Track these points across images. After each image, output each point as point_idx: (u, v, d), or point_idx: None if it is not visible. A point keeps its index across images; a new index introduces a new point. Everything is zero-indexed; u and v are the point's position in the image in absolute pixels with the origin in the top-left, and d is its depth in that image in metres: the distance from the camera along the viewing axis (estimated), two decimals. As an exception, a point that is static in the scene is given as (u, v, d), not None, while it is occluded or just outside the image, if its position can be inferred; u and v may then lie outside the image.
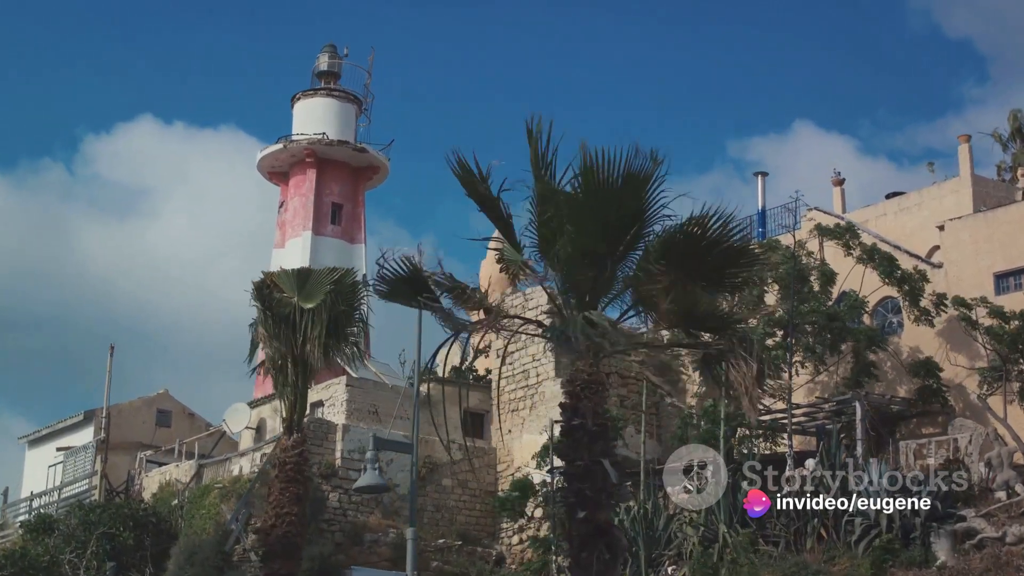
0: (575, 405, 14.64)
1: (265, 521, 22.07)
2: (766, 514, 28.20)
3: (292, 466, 22.21)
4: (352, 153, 45.90)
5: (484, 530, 35.52)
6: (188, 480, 36.22)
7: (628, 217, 14.66)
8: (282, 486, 22.03)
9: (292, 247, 45.15)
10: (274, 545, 21.68)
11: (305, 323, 22.12)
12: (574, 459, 14.46)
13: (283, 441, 22.68)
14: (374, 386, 35.96)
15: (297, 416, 22.89)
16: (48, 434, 44.34)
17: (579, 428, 14.46)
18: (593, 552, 13.88)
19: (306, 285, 22.74)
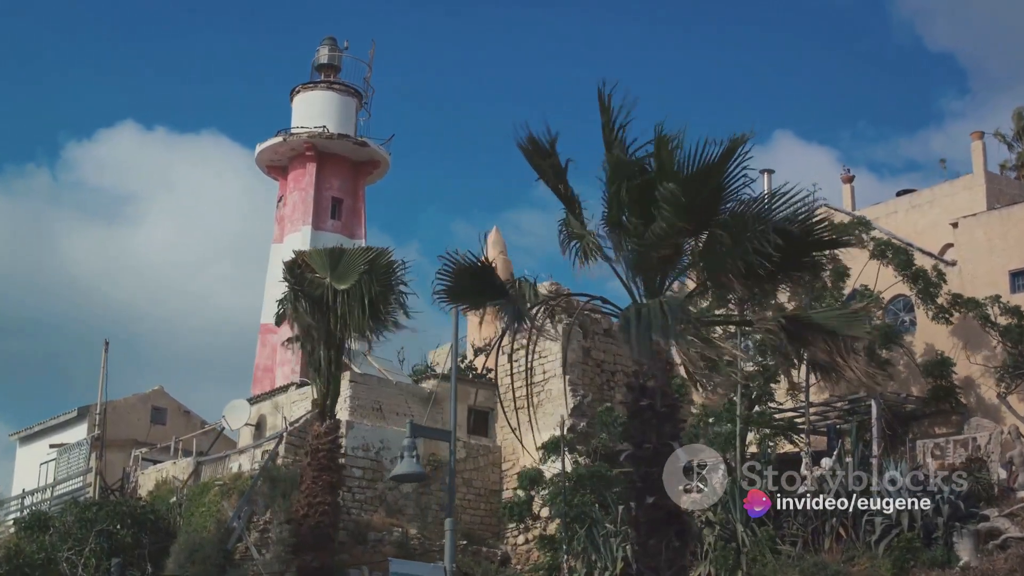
0: (643, 386, 14.01)
1: (296, 511, 21.24)
2: (783, 514, 27.75)
3: (325, 453, 21.44)
4: (353, 147, 45.13)
5: (489, 530, 34.91)
6: (186, 478, 35.50)
7: (709, 194, 14.00)
8: (315, 474, 21.25)
9: (291, 242, 44.23)
10: (306, 536, 20.91)
11: (339, 304, 21.28)
12: (642, 442, 13.84)
13: (315, 428, 21.89)
14: (378, 382, 35.26)
15: (330, 401, 22.07)
16: (40, 431, 43.53)
17: (647, 409, 13.85)
18: (663, 539, 13.27)
19: (339, 265, 21.88)
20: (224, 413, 36.67)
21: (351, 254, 22.30)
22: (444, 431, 19.93)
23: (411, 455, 18.13)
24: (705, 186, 13.90)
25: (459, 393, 36.42)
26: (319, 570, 20.74)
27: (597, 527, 29.43)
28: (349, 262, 21.89)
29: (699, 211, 14.13)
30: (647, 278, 14.70)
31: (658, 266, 14.60)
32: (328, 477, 21.25)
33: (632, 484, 14.08)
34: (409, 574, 17.75)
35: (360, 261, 21.87)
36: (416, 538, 32.78)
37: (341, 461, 21.73)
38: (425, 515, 33.93)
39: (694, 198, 13.91)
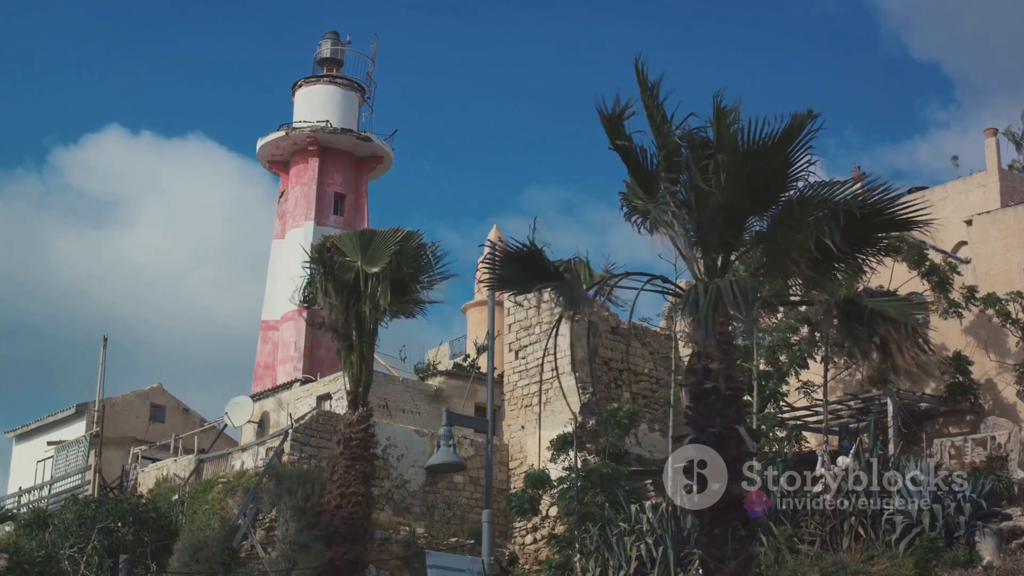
0: (706, 368, 13.51)
1: (329, 501, 20.65)
2: (800, 513, 27.32)
3: (358, 442, 20.85)
4: (356, 142, 44.63)
5: (496, 529, 34.19)
6: (188, 475, 34.96)
7: (772, 172, 13.51)
8: (347, 464, 20.68)
9: (293, 237, 43.81)
10: (339, 527, 20.30)
11: (370, 287, 20.71)
12: (706, 426, 13.34)
13: (347, 416, 21.29)
14: (384, 379, 34.74)
15: (363, 388, 21.51)
16: (36, 428, 42.96)
17: (712, 392, 13.36)
18: (728, 528, 12.77)
19: (370, 248, 21.28)
20: (226, 410, 36.14)
21: (381, 236, 21.63)
22: (481, 420, 19.28)
23: (447, 444, 17.58)
24: (769, 163, 13.42)
25: (464, 391, 36.16)
26: (352, 563, 20.14)
27: (610, 526, 28.93)
28: (380, 244, 21.26)
29: (762, 189, 13.64)
30: (708, 258, 14.19)
31: (719, 245, 14.08)
32: (361, 467, 20.66)
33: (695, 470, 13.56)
34: (446, 566, 17.21)
35: (391, 243, 21.25)
36: (423, 537, 32.25)
37: (374, 451, 21.12)
38: (432, 514, 33.43)
39: (757, 176, 13.43)
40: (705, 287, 13.55)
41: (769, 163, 13.47)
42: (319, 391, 34.84)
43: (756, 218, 14.10)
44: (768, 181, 13.64)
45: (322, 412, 32.88)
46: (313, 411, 32.88)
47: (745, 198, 13.68)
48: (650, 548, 27.91)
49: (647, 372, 37.42)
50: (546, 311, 35.64)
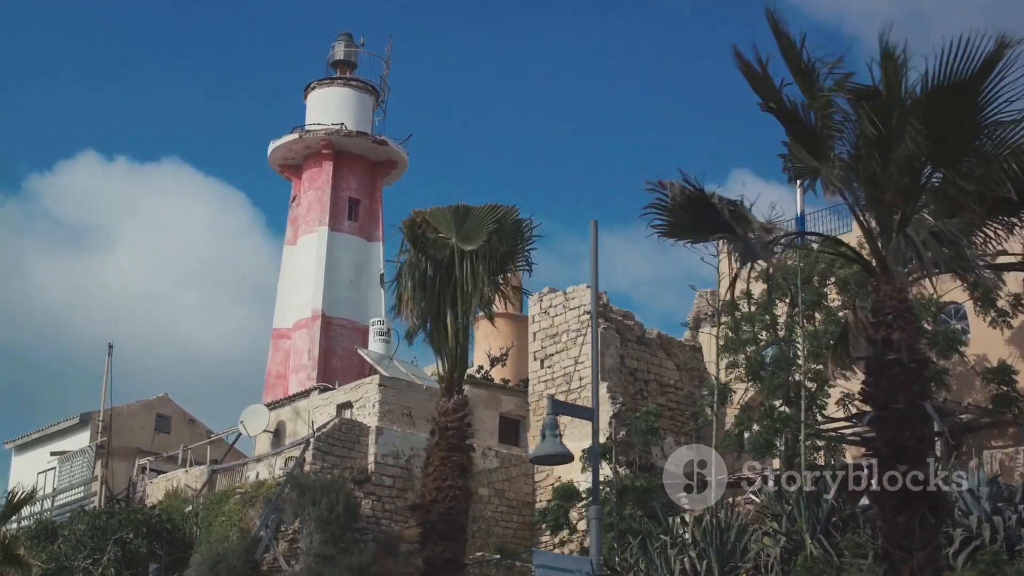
0: (887, 338, 12.38)
1: (424, 496, 19.36)
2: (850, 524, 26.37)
3: (454, 432, 19.53)
4: (371, 146, 43.51)
5: (522, 543, 33.24)
6: (200, 487, 33.76)
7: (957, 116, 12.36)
8: (443, 455, 19.34)
9: (306, 243, 42.71)
10: (436, 523, 18.97)
11: (465, 266, 19.46)
12: (889, 402, 12.19)
13: (442, 404, 20.04)
14: (407, 386, 33.61)
15: (458, 374, 20.26)
16: (38, 439, 41.64)
17: (894, 364, 12.22)
18: (915, 515, 11.65)
19: (465, 224, 19.99)
20: (242, 419, 34.95)
21: (477, 212, 20.27)
22: (586, 408, 18.14)
23: (553, 434, 16.45)
24: (957, 104, 12.20)
25: (488, 400, 35.06)
26: (450, 563, 18.87)
27: (651, 539, 27.84)
28: (476, 221, 19.97)
29: (947, 135, 12.45)
30: (881, 214, 13.03)
31: (895, 200, 12.91)
32: (458, 458, 19.35)
33: (877, 452, 12.45)
34: (553, 565, 16.13)
35: (488, 220, 19.96)
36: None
37: (469, 441, 19.88)
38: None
39: (942, 120, 12.25)
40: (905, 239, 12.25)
41: (957, 104, 12.21)
42: (339, 399, 33.69)
43: (936, 169, 12.88)
44: (955, 125, 12.40)
45: (344, 421, 31.78)
46: (335, 420, 31.73)
47: (926, 146, 12.48)
48: (693, 562, 26.87)
49: (672, 383, 36.46)
50: (573, 316, 34.63)
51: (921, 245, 12.39)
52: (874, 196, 13.13)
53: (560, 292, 35.00)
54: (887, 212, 13.07)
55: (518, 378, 38.14)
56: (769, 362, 31.14)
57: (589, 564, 16.27)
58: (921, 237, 12.40)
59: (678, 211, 13.52)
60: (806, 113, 13.21)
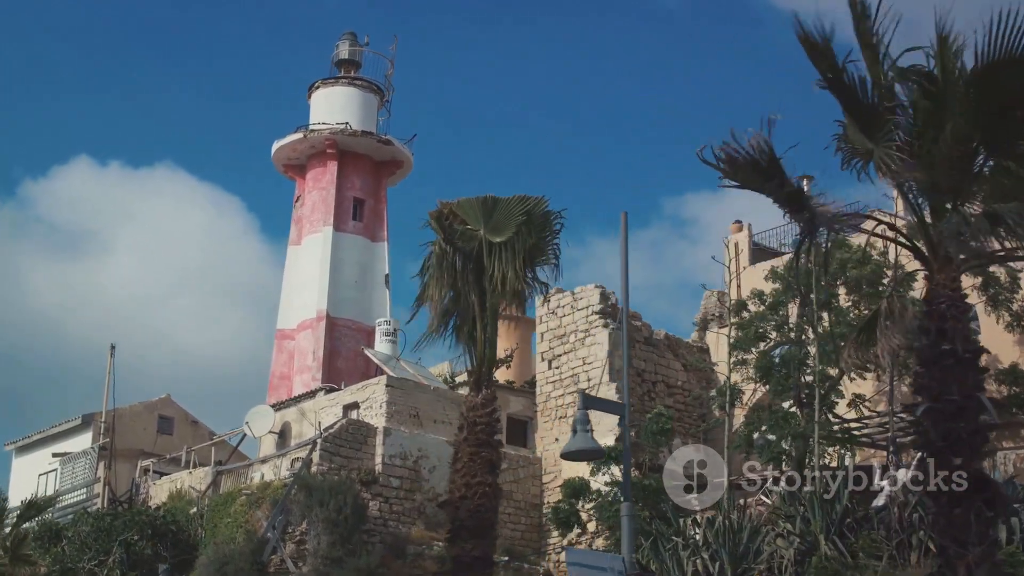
0: (941, 327, 12.11)
1: (452, 493, 19.00)
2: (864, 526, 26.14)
3: (483, 427, 19.20)
4: (376, 146, 43.15)
5: (530, 545, 32.98)
6: (205, 488, 33.46)
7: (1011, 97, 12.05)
8: (472, 450, 19.00)
9: (311, 244, 42.36)
10: (465, 520, 18.61)
11: (494, 258, 19.11)
12: (942, 393, 11.93)
13: (469, 399, 19.72)
14: (415, 387, 33.33)
15: (486, 368, 19.92)
16: (39, 440, 41.30)
17: (948, 355, 11.94)
18: (970, 509, 11.37)
19: (494, 215, 19.64)
20: (247, 419, 34.64)
21: (506, 203, 19.92)
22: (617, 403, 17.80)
23: (585, 429, 16.16)
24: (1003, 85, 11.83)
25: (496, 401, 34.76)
26: (479, 560, 18.52)
27: (663, 540, 27.59)
28: (505, 212, 19.63)
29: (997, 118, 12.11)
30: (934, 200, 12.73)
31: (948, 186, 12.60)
32: (487, 454, 19.01)
33: (930, 444, 12.18)
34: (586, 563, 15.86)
35: (517, 211, 19.63)
36: (457, 552, 30.85)
37: (498, 437, 19.53)
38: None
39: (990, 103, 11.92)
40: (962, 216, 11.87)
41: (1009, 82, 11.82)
42: (346, 400, 33.41)
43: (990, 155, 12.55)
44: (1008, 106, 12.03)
45: (351, 421, 31.50)
46: (342, 420, 31.46)
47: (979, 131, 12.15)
48: (706, 563, 26.64)
49: (680, 385, 36.21)
50: (581, 316, 34.36)
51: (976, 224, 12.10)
52: (927, 182, 12.84)
53: (568, 292, 34.72)
54: (940, 198, 12.79)
55: (522, 380, 37.90)
56: (779, 362, 30.88)
57: (621, 561, 16.00)
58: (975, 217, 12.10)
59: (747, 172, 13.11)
60: (865, 90, 12.87)
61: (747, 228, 38.28)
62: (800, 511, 26.54)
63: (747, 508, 28.56)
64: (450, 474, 19.54)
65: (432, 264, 20.20)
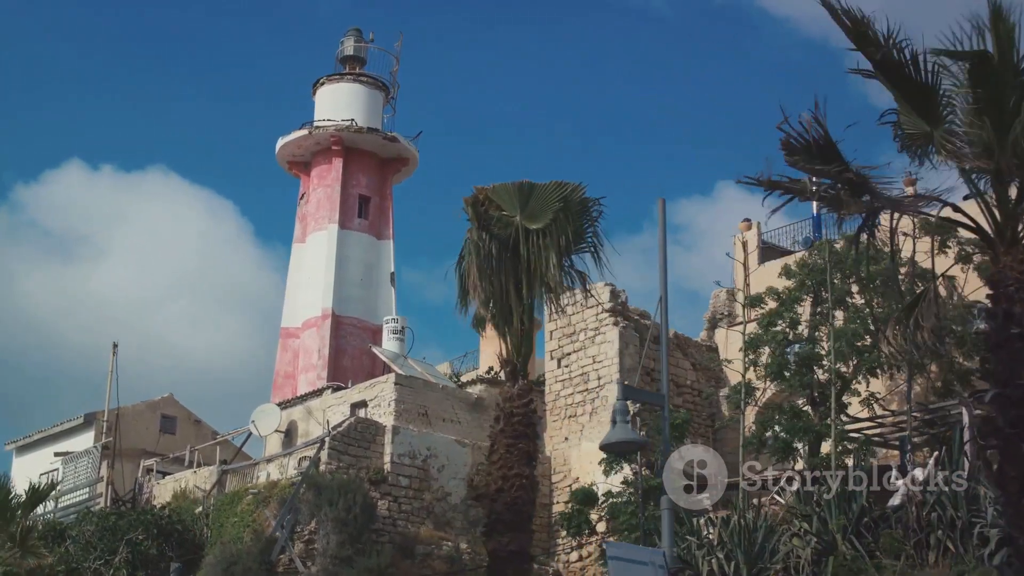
0: (1008, 311, 11.73)
1: (488, 485, 18.59)
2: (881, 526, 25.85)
3: (520, 418, 18.79)
4: (381, 142, 42.75)
5: (538, 545, 32.44)
6: (210, 487, 33.10)
7: None
8: (509, 442, 18.56)
9: (315, 241, 41.96)
10: (502, 514, 18.16)
11: (530, 246, 18.71)
12: (1010, 379, 11.56)
13: (506, 389, 19.32)
14: (424, 385, 32.97)
15: (522, 358, 19.52)
16: (40, 440, 40.91)
17: (1017, 339, 11.55)
18: None
19: (530, 202, 19.21)
20: (253, 418, 34.28)
21: (542, 189, 19.45)
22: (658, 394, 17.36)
23: (625, 420, 15.79)
24: None
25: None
26: (516, 555, 18.09)
27: (677, 540, 27.25)
28: (541, 198, 19.19)
29: None
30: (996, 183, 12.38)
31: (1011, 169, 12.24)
32: (524, 446, 18.59)
33: (997, 432, 11.82)
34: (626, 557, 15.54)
35: (554, 197, 19.19)
36: (467, 553, 30.50)
37: (536, 428, 19.08)
38: (474, 528, 31.64)
39: None
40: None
41: None
42: (353, 398, 33.05)
43: None
44: None
45: (360, 420, 31.16)
46: (351, 419, 31.11)
47: None
48: (721, 563, 26.34)
49: (689, 384, 35.87)
50: (591, 315, 34.03)
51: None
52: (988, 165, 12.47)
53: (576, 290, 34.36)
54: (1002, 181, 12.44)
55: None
56: (793, 360, 30.58)
57: (662, 555, 15.69)
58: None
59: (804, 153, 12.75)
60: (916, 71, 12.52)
61: (756, 227, 37.98)
62: (816, 511, 26.29)
63: (761, 507, 28.24)
64: (486, 466, 19.07)
65: (469, 251, 19.71)
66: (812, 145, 12.72)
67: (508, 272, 19.31)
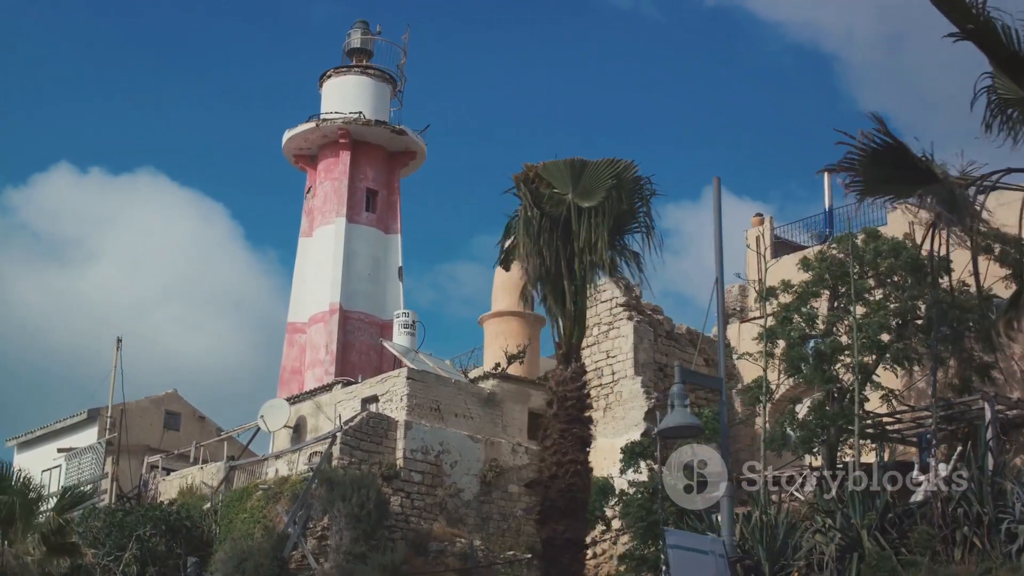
0: None
1: (542, 471, 18.03)
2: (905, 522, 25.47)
3: (574, 403, 18.26)
4: (389, 136, 42.24)
5: (552, 542, 32.13)
6: (218, 484, 32.62)
7: None
8: (562, 427, 17.99)
9: (323, 235, 41.46)
10: (556, 500, 17.58)
11: (582, 224, 18.19)
12: None
13: (558, 372, 18.81)
14: (436, 380, 32.50)
15: (576, 339, 19.00)
16: (42, 436, 40.42)
17: None
18: None
19: (582, 179, 18.67)
20: (261, 413, 33.76)
21: (594, 166, 18.86)
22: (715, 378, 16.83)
23: (683, 404, 15.31)
24: None
25: (517, 395, 34.01)
26: (572, 543, 17.55)
27: (697, 537, 26.83)
28: (593, 175, 18.64)
29: None
30: None
31: None
32: (579, 431, 18.05)
33: None
34: (687, 546, 15.12)
35: (606, 175, 18.65)
36: (480, 550, 30.06)
37: (588, 414, 18.61)
38: (487, 525, 31.24)
39: None
40: None
41: None
42: (364, 393, 32.56)
43: None
44: None
45: (372, 414, 30.68)
46: (363, 413, 30.65)
47: None
48: (743, 560, 25.97)
49: (701, 379, 35.42)
50: (604, 309, 33.60)
51: None
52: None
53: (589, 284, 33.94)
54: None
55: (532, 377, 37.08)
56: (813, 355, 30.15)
57: (722, 544, 15.28)
58: None
59: (878, 164, 12.35)
60: (1009, 37, 12.07)
61: (768, 221, 37.62)
62: (840, 507, 25.91)
63: (781, 503, 27.84)
64: (539, 451, 18.49)
65: (519, 229, 19.11)
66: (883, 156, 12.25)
67: (560, 251, 18.75)
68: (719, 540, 15.37)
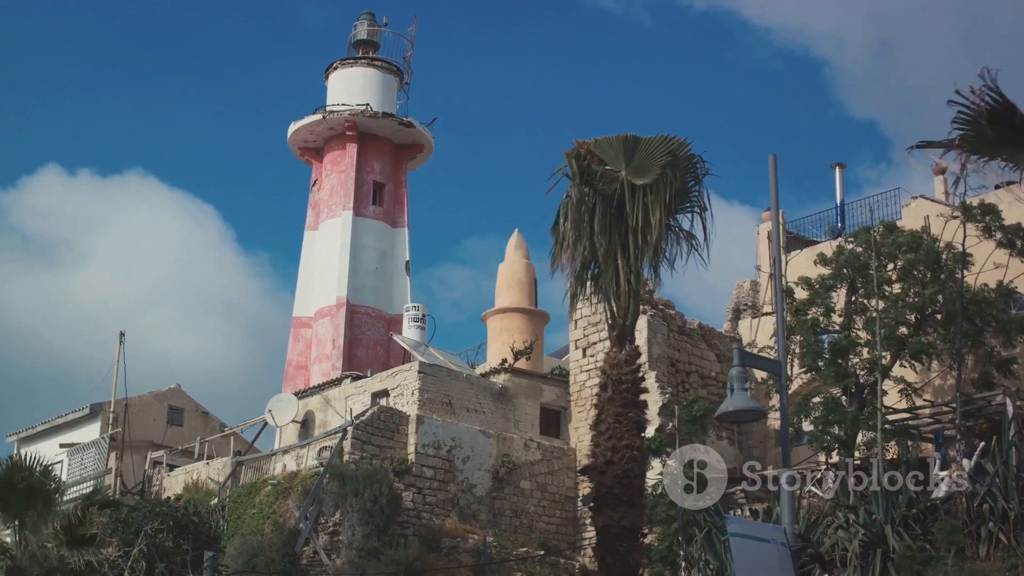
0: None
1: (596, 456, 17.49)
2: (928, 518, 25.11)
3: (629, 386, 17.73)
4: (396, 128, 41.71)
5: (564, 539, 31.78)
6: (225, 479, 32.14)
7: None
8: (617, 411, 17.42)
9: (329, 228, 40.91)
10: (612, 487, 17.00)
11: (637, 202, 17.67)
12: None
13: (612, 354, 18.29)
14: (448, 374, 32.04)
15: (630, 321, 18.51)
16: (44, 431, 39.89)
17: None
18: None
19: (636, 156, 18.14)
20: (269, 407, 33.27)
21: (648, 143, 18.27)
22: (775, 361, 16.35)
23: (743, 388, 14.84)
24: None
25: (528, 390, 33.58)
26: (629, 532, 17.05)
27: (716, 532, 26.44)
28: (647, 152, 18.09)
29: None
30: None
31: None
32: (634, 415, 17.53)
33: None
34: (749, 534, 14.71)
35: (661, 152, 18.08)
36: (493, 546, 29.62)
37: (643, 397, 18.11)
38: (499, 521, 30.79)
39: None
40: None
41: None
42: (374, 388, 32.10)
43: None
44: None
45: (383, 409, 30.20)
46: (374, 408, 30.17)
47: None
48: (763, 556, 25.56)
49: (714, 376, 35.06)
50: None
51: None
52: None
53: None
54: None
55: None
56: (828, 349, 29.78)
57: (783, 532, 14.87)
58: None
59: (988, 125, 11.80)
60: None
61: (781, 216, 37.17)
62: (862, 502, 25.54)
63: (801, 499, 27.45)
64: (593, 436, 18.02)
65: (570, 208, 18.54)
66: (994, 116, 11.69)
67: (613, 230, 18.24)
68: (780, 528, 14.95)
